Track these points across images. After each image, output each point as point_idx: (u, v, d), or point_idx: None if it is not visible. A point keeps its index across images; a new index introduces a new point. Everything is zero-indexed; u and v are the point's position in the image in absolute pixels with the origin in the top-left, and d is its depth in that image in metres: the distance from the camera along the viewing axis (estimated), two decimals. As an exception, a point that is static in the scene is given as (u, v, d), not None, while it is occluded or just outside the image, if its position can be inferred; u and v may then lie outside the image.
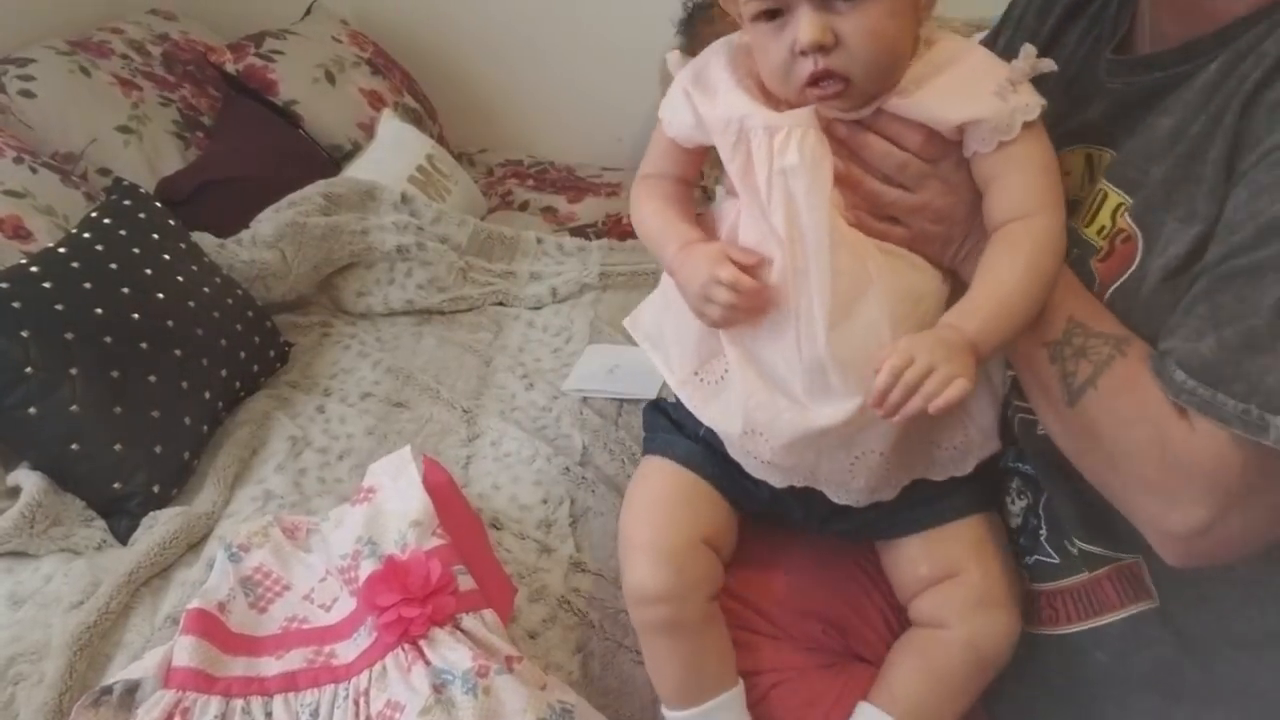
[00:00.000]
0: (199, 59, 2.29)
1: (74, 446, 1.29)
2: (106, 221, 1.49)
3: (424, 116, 2.51)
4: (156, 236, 1.52)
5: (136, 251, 1.47)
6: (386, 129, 2.28)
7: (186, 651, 0.98)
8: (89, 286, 1.37)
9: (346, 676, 0.99)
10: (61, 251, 1.41)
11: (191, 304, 1.48)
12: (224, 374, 1.49)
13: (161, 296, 1.44)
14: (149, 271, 1.45)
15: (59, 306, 1.32)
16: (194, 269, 1.54)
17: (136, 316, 1.38)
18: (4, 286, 1.31)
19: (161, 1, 2.43)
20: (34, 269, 1.35)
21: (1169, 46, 0.77)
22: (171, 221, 1.61)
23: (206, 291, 1.53)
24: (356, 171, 2.11)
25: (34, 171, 1.71)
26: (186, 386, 1.41)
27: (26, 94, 1.88)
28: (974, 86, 0.75)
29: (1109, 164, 0.81)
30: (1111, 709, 0.85)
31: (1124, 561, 0.81)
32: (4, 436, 1.32)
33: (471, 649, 0.97)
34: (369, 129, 2.30)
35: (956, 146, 0.77)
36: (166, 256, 1.51)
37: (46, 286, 1.33)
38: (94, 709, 0.96)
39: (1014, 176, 0.75)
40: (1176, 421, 0.68)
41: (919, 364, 0.68)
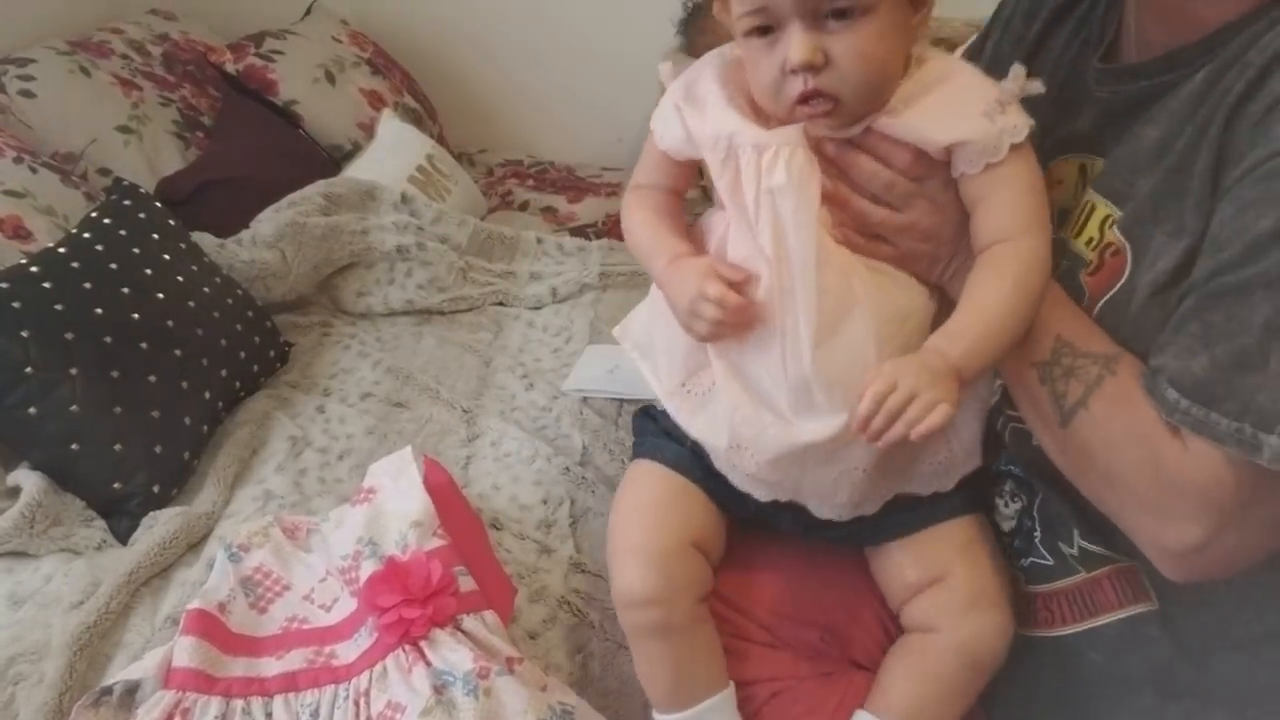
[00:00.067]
0: (199, 59, 2.29)
1: (74, 446, 1.29)
2: (106, 221, 1.49)
3: (424, 116, 2.51)
4: (156, 236, 1.52)
5: (136, 251, 1.47)
6: (386, 129, 2.28)
7: (186, 652, 0.98)
8: (89, 286, 1.36)
9: (347, 677, 0.99)
10: (61, 251, 1.41)
11: (191, 304, 1.48)
12: (224, 374, 1.49)
13: (161, 296, 1.44)
14: (149, 271, 1.45)
15: (59, 306, 1.32)
16: (194, 269, 1.54)
17: (136, 316, 1.38)
18: (4, 286, 1.31)
19: (161, 1, 2.43)
20: (34, 269, 1.35)
21: (1154, 53, 0.77)
22: (171, 221, 1.61)
23: (206, 291, 1.53)
24: (356, 171, 2.11)
25: (34, 171, 1.71)
26: (186, 386, 1.41)
27: (26, 94, 1.87)
28: (962, 108, 0.75)
29: (1097, 174, 0.81)
30: (1105, 708, 0.85)
31: (1123, 563, 0.81)
32: (4, 436, 1.32)
33: (472, 650, 0.97)
34: (369, 129, 2.30)
35: (944, 166, 0.77)
36: (166, 256, 1.51)
37: (46, 286, 1.33)
38: (94, 709, 0.96)
39: (1000, 198, 0.75)
40: (1170, 441, 0.68)
41: (902, 390, 0.69)
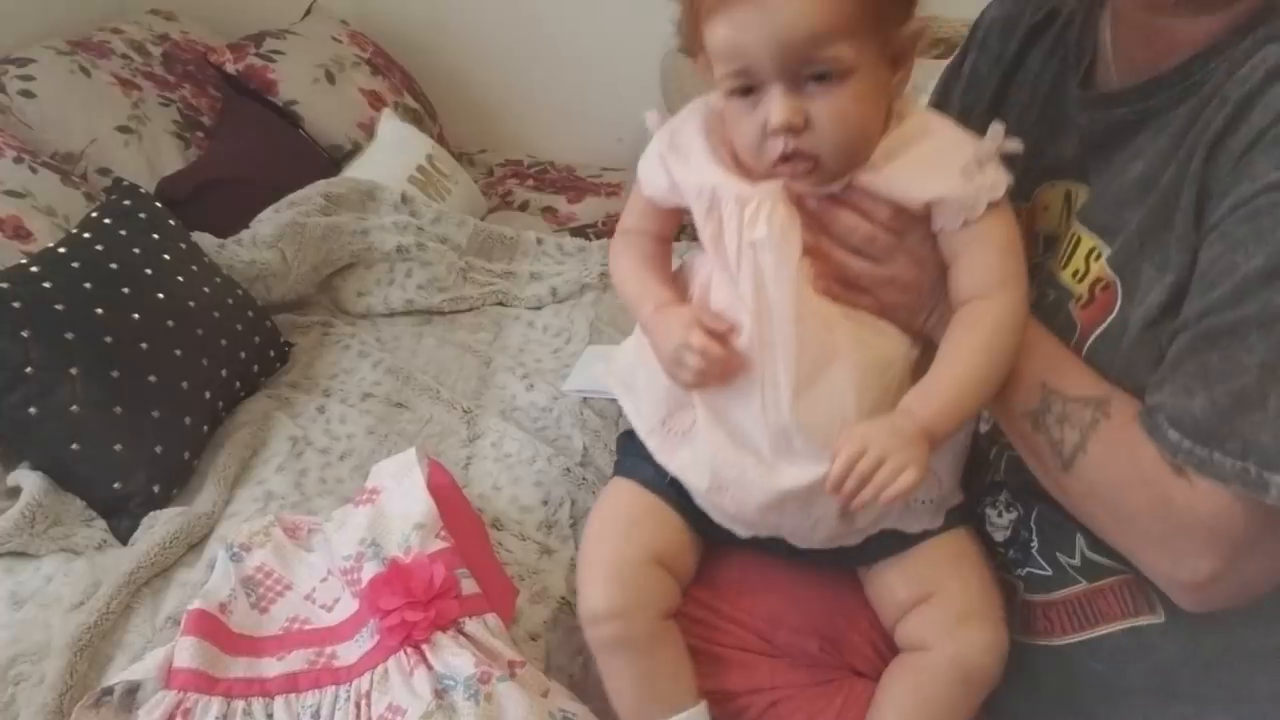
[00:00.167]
0: (199, 59, 2.28)
1: (74, 446, 1.29)
2: (106, 221, 1.49)
3: (424, 116, 2.51)
4: (156, 236, 1.52)
5: (136, 251, 1.46)
6: (386, 129, 2.28)
7: (187, 652, 0.98)
8: (89, 286, 1.36)
9: (348, 678, 0.99)
10: (61, 251, 1.40)
11: (191, 304, 1.47)
12: (224, 374, 1.49)
13: (161, 296, 1.43)
14: (149, 271, 1.45)
15: (59, 306, 1.32)
16: (194, 269, 1.54)
17: (136, 316, 1.38)
18: (4, 286, 1.30)
19: (161, 1, 2.43)
20: (34, 269, 1.35)
21: (1135, 75, 0.78)
22: (171, 221, 1.60)
23: (206, 291, 1.53)
24: (356, 171, 2.11)
25: (34, 171, 1.71)
26: (186, 386, 1.41)
27: (26, 94, 1.87)
28: (941, 165, 0.76)
29: (1081, 206, 0.82)
30: (1106, 713, 0.85)
31: (1128, 574, 0.80)
32: (4, 436, 1.32)
33: (474, 655, 0.97)
34: (369, 129, 2.30)
35: (924, 221, 0.77)
36: (166, 256, 1.50)
37: (46, 286, 1.33)
38: (95, 710, 0.96)
39: (977, 255, 0.77)
40: (1174, 480, 0.69)
41: (871, 455, 0.71)
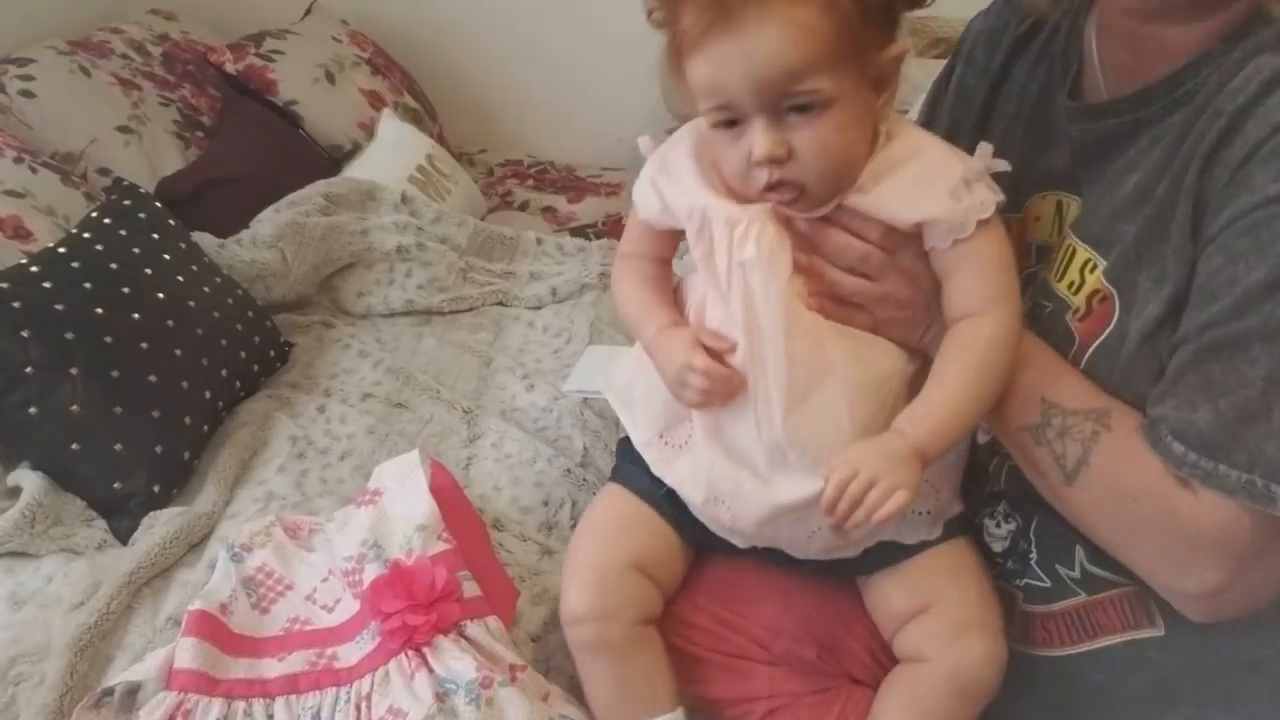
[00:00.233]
0: (199, 59, 2.28)
1: (74, 446, 1.29)
2: (106, 221, 1.49)
3: (424, 116, 2.50)
4: (156, 236, 1.52)
5: (136, 251, 1.46)
6: (386, 129, 2.28)
7: (188, 653, 0.98)
8: (89, 286, 1.36)
9: (348, 679, 0.98)
10: (61, 251, 1.40)
11: (191, 304, 1.47)
12: (224, 374, 1.49)
13: (161, 296, 1.43)
14: (149, 271, 1.45)
15: (59, 306, 1.32)
16: (194, 269, 1.54)
17: (136, 316, 1.38)
18: (4, 286, 1.30)
19: (161, 1, 2.42)
20: (34, 269, 1.35)
21: (1123, 85, 0.78)
22: (171, 221, 1.60)
23: (206, 291, 1.53)
24: (356, 171, 2.10)
25: (34, 171, 1.71)
26: (186, 386, 1.40)
27: (26, 94, 1.87)
28: (929, 186, 0.76)
29: (1075, 217, 0.82)
30: (1105, 719, 0.85)
31: (1128, 587, 0.80)
32: (4, 436, 1.32)
33: (475, 659, 0.96)
34: (369, 129, 2.30)
35: (916, 239, 0.78)
36: (166, 256, 1.50)
37: (46, 286, 1.33)
38: (95, 711, 0.96)
39: (968, 273, 0.77)
40: (1180, 493, 0.69)
41: (863, 476, 0.71)
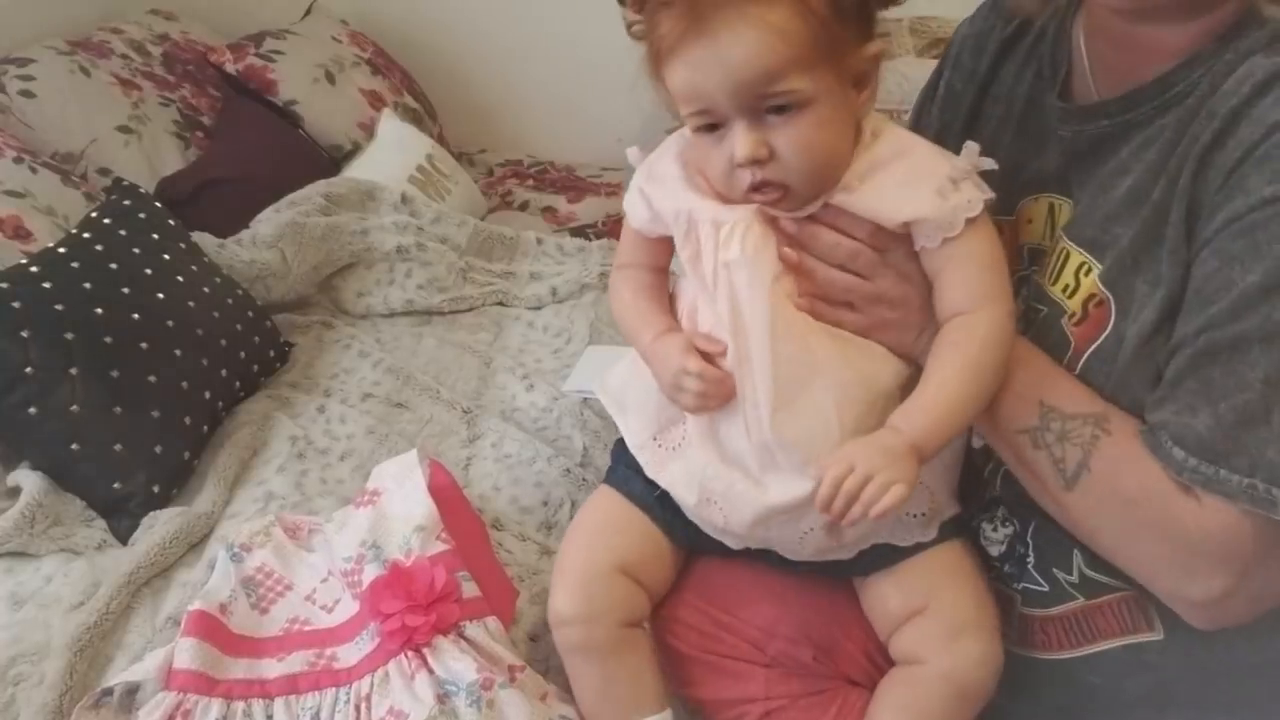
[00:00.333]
0: (199, 59, 2.28)
1: (74, 446, 1.29)
2: (106, 221, 1.49)
3: (424, 116, 2.50)
4: (156, 236, 1.52)
5: (136, 251, 1.47)
6: (386, 129, 2.28)
7: (187, 653, 0.98)
8: (89, 286, 1.36)
9: (348, 680, 0.98)
10: (61, 251, 1.41)
11: (191, 304, 1.47)
12: (224, 374, 1.49)
13: (161, 296, 1.43)
14: (149, 271, 1.45)
15: (59, 306, 1.32)
16: (194, 269, 1.54)
17: (136, 316, 1.38)
18: (4, 286, 1.31)
19: (161, 1, 2.42)
20: (34, 269, 1.35)
21: (1114, 86, 0.78)
22: (171, 221, 1.60)
23: (206, 291, 1.53)
24: (356, 171, 2.11)
25: (34, 171, 1.71)
26: (186, 386, 1.41)
27: (26, 94, 1.87)
28: (916, 186, 0.75)
29: (1068, 221, 0.81)
30: (1104, 719, 0.85)
31: (1126, 592, 0.80)
32: (4, 436, 1.32)
33: (476, 660, 0.96)
34: (369, 129, 2.30)
35: (906, 238, 0.77)
36: (166, 256, 1.51)
37: (46, 286, 1.33)
38: (95, 711, 0.96)
39: (959, 271, 0.77)
40: (1181, 498, 0.68)
41: (858, 472, 0.71)
